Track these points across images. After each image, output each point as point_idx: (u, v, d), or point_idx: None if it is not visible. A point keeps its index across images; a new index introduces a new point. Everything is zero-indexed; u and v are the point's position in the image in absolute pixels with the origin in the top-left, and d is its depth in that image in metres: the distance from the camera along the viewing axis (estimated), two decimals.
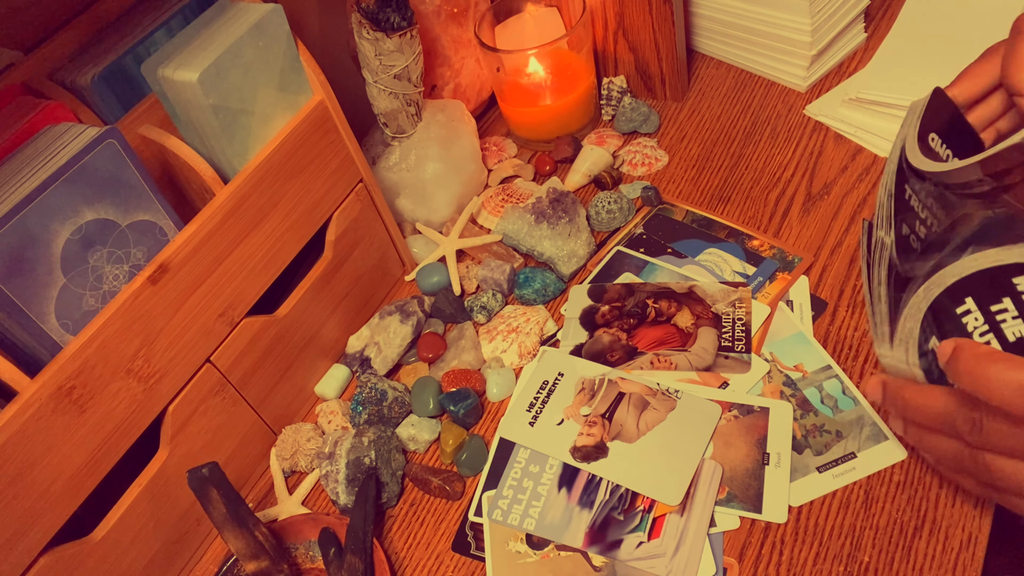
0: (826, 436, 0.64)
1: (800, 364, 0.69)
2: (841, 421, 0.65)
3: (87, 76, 0.64)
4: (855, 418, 0.65)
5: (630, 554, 0.60)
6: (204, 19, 0.64)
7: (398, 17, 0.75)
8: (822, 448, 0.64)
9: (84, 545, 0.58)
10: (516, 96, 0.92)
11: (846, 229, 0.78)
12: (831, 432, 0.64)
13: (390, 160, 0.84)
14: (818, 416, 0.65)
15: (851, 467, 0.62)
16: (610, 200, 0.83)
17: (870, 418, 0.64)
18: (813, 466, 0.63)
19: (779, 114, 0.91)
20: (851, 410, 0.65)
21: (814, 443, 0.64)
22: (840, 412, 0.65)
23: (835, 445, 0.64)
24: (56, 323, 0.55)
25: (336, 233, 0.74)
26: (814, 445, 0.64)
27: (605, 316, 0.75)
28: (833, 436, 0.64)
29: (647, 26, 0.90)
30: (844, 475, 0.62)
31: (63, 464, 0.55)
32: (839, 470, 0.62)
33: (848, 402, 0.66)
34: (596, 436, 0.66)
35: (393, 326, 0.77)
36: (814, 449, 0.64)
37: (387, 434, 0.69)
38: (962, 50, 0.86)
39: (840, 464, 0.62)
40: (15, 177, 0.53)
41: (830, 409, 0.66)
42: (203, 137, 0.64)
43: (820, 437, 0.64)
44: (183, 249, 0.60)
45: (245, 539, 0.59)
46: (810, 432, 0.65)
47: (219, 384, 0.66)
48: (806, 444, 0.64)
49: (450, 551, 0.65)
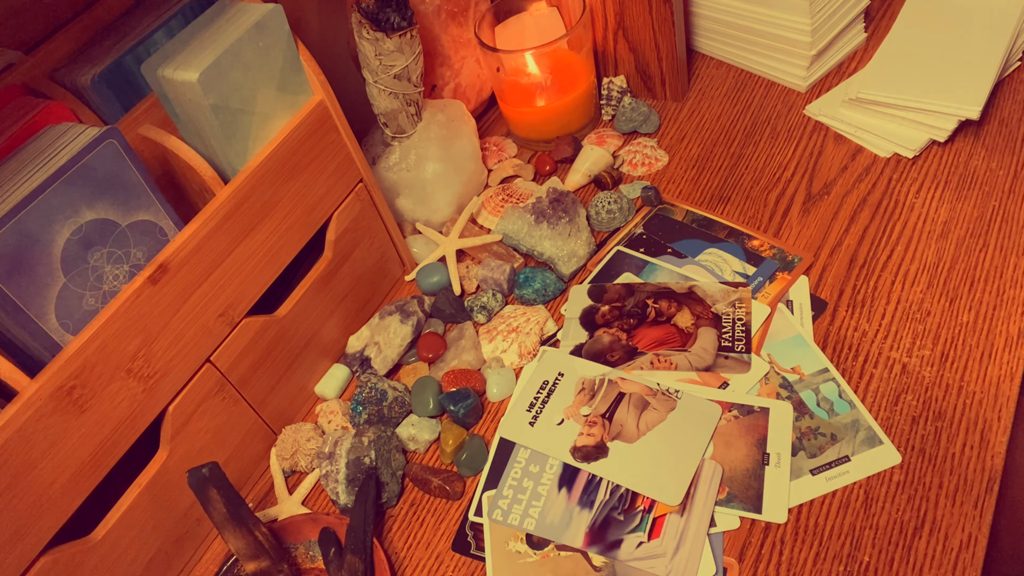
0: (821, 439, 0.64)
1: (798, 366, 0.69)
2: (836, 424, 0.65)
3: (87, 76, 0.64)
4: (850, 422, 0.65)
5: (630, 554, 0.60)
6: (204, 19, 0.64)
7: (398, 17, 0.75)
8: (816, 451, 0.64)
9: (84, 545, 0.58)
10: (516, 96, 0.92)
11: (846, 229, 0.78)
12: (826, 435, 0.64)
13: (390, 160, 0.84)
14: (813, 419, 0.65)
15: (844, 471, 0.62)
16: (610, 200, 0.83)
17: (865, 422, 0.64)
18: (807, 468, 0.63)
19: (779, 114, 0.91)
20: (847, 413, 0.65)
21: (808, 445, 0.64)
22: (836, 415, 0.65)
23: (829, 448, 0.64)
24: (56, 323, 0.55)
25: (336, 233, 0.74)
26: (808, 447, 0.64)
27: (605, 316, 0.75)
28: (828, 439, 0.64)
29: (647, 26, 0.90)
30: (837, 478, 0.62)
31: (63, 464, 0.55)
32: (832, 473, 0.62)
33: (844, 405, 0.66)
34: (596, 436, 0.66)
35: (393, 326, 0.77)
36: (808, 452, 0.64)
37: (387, 434, 0.69)
38: (962, 50, 0.87)
39: (834, 467, 0.63)
40: (15, 177, 0.53)
41: (826, 412, 0.66)
42: (203, 137, 0.64)
43: (815, 440, 0.64)
44: (183, 249, 0.60)
45: (245, 539, 0.59)
46: (805, 434, 0.65)
47: (219, 384, 0.66)
48: (800, 446, 0.64)
49: (450, 551, 0.65)
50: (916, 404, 0.65)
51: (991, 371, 0.66)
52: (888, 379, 0.67)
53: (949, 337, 0.69)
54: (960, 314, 0.70)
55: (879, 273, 0.74)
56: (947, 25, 0.90)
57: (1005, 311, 0.69)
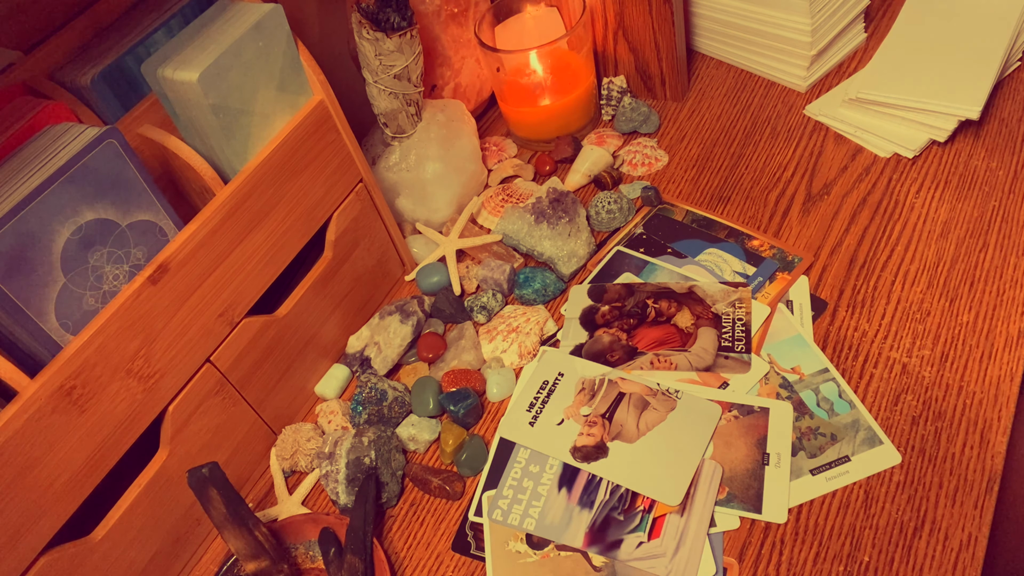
0: (821, 439, 0.64)
1: (798, 366, 0.69)
2: (836, 424, 0.65)
3: (87, 76, 0.64)
4: (850, 422, 0.65)
5: (630, 554, 0.60)
6: (204, 19, 0.64)
7: (398, 17, 0.75)
8: (816, 451, 0.64)
9: (84, 545, 0.58)
10: (516, 96, 0.92)
11: (846, 229, 0.78)
12: (826, 435, 0.64)
13: (390, 160, 0.84)
14: (813, 419, 0.65)
15: (844, 471, 0.62)
16: (610, 200, 0.83)
17: (865, 422, 0.64)
18: (806, 468, 0.63)
19: (779, 114, 0.91)
20: (847, 414, 0.65)
21: (808, 446, 0.64)
22: (836, 415, 0.65)
23: (829, 448, 0.64)
24: (56, 323, 0.55)
25: (336, 233, 0.74)
26: (808, 448, 0.64)
27: (605, 316, 0.75)
28: (828, 439, 0.64)
29: (647, 26, 0.90)
30: (837, 478, 0.62)
31: (63, 464, 0.55)
32: (832, 473, 0.62)
33: (844, 405, 0.66)
34: (596, 436, 0.66)
35: (393, 326, 0.77)
36: (808, 452, 0.64)
37: (387, 434, 0.69)
38: (962, 50, 0.87)
39: (834, 467, 0.62)
40: (15, 177, 0.53)
41: (826, 412, 0.66)
42: (203, 137, 0.64)
43: (815, 440, 0.64)
44: (183, 249, 0.60)
45: (245, 539, 0.59)
46: (805, 434, 0.65)
47: (219, 384, 0.66)
48: (800, 446, 0.64)
49: (450, 551, 0.65)
50: (916, 404, 0.65)
51: (991, 371, 0.66)
52: (888, 379, 0.67)
53: (949, 337, 0.69)
54: (960, 314, 0.70)
55: (879, 273, 0.74)
56: (947, 25, 0.90)
57: (1005, 311, 0.69)
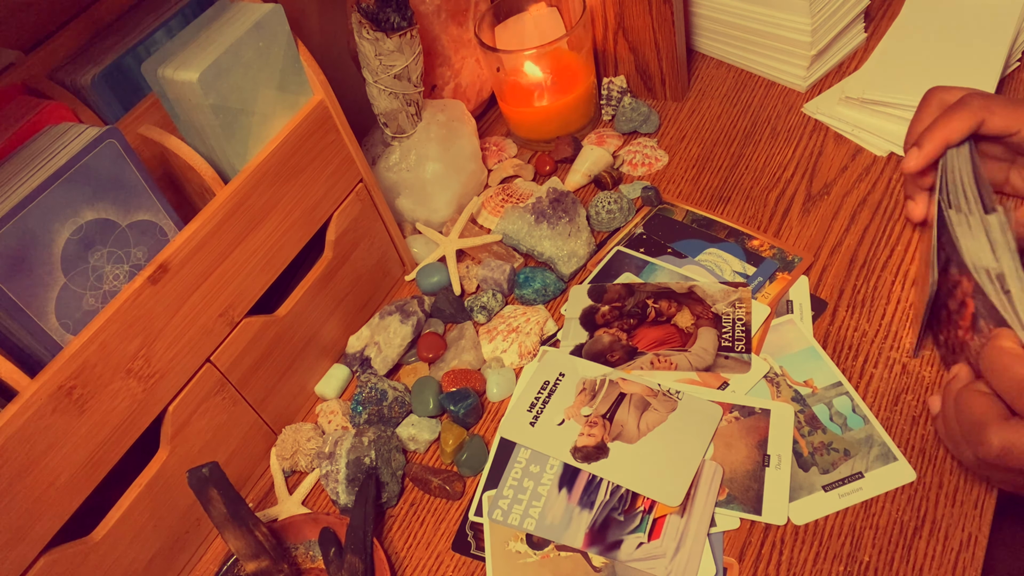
0: (834, 454, 0.63)
1: (810, 379, 0.67)
2: (850, 440, 0.63)
3: (87, 76, 0.64)
4: (864, 437, 0.63)
5: (630, 555, 0.60)
6: (204, 19, 0.64)
7: (398, 17, 0.74)
8: (829, 466, 0.62)
9: (84, 545, 0.58)
10: (516, 96, 0.92)
11: (846, 229, 0.78)
12: (839, 450, 0.63)
13: (390, 160, 0.84)
14: (826, 433, 0.64)
15: (858, 487, 0.61)
16: (610, 200, 0.83)
17: (879, 437, 0.63)
18: (819, 484, 0.61)
19: (779, 114, 0.91)
20: (860, 429, 0.64)
21: (821, 461, 0.62)
22: (849, 430, 0.64)
23: (842, 464, 0.62)
24: (56, 323, 0.55)
25: (336, 233, 0.74)
26: (821, 463, 0.62)
27: (605, 316, 0.75)
28: (841, 455, 0.62)
29: (647, 26, 0.90)
30: (850, 495, 0.60)
31: (63, 464, 0.55)
32: (845, 489, 0.61)
33: (858, 420, 0.64)
34: (597, 436, 0.66)
35: (393, 326, 0.77)
36: (821, 467, 0.62)
37: (387, 434, 0.69)
38: (962, 50, 0.87)
39: (847, 483, 0.61)
40: (15, 177, 0.53)
41: (839, 427, 0.64)
42: (203, 137, 0.64)
43: (828, 455, 0.63)
44: (183, 249, 0.60)
45: (245, 539, 0.59)
46: (817, 450, 0.63)
47: (219, 384, 0.66)
48: (812, 462, 0.62)
49: (450, 551, 0.65)
50: (916, 404, 0.65)
51: None
52: (888, 379, 0.67)
53: None
54: None
55: (879, 273, 0.74)
56: (947, 25, 0.90)
57: None
